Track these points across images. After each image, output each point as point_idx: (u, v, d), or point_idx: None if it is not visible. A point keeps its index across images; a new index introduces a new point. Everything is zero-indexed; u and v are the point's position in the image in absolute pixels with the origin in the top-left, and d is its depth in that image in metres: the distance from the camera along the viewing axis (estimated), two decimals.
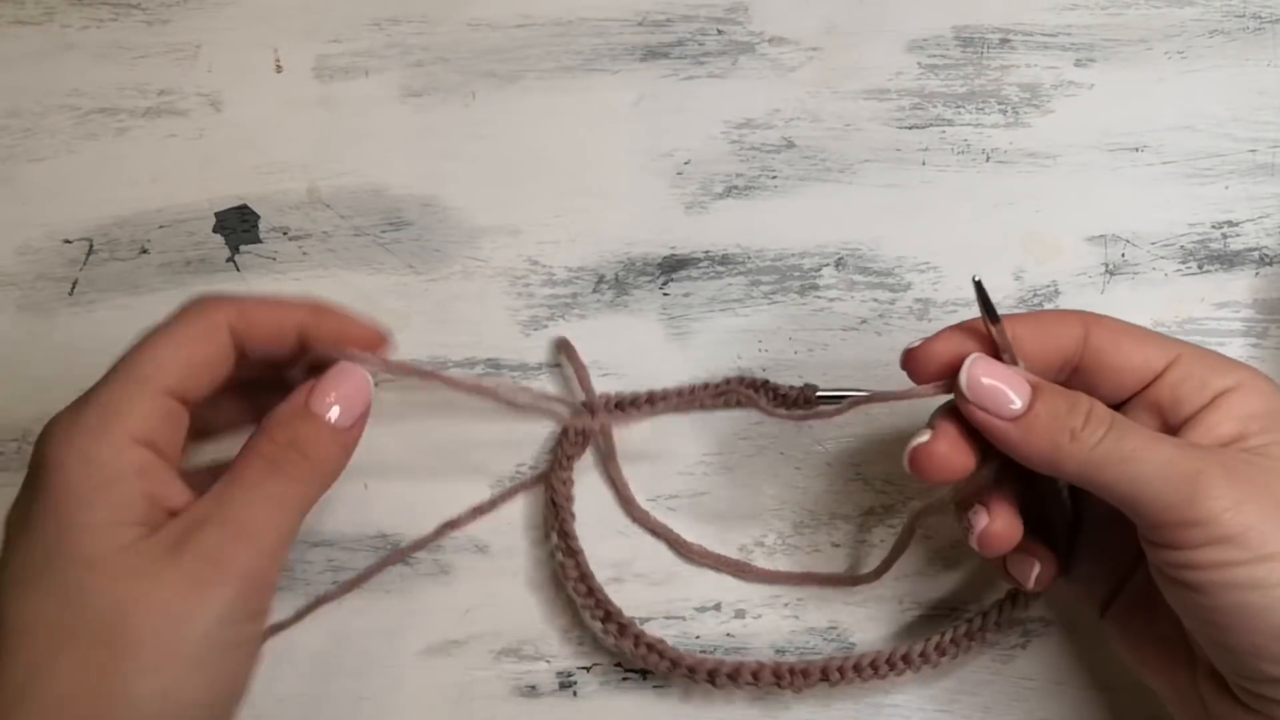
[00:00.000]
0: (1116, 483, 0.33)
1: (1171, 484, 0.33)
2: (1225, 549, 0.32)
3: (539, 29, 0.50)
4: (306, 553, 0.46)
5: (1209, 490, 0.32)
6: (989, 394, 0.35)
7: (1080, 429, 0.34)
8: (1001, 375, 0.35)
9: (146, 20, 0.51)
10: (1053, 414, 0.34)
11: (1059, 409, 0.34)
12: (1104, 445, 0.34)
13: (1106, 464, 0.33)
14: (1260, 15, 0.49)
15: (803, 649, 0.45)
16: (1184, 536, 0.33)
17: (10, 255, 0.49)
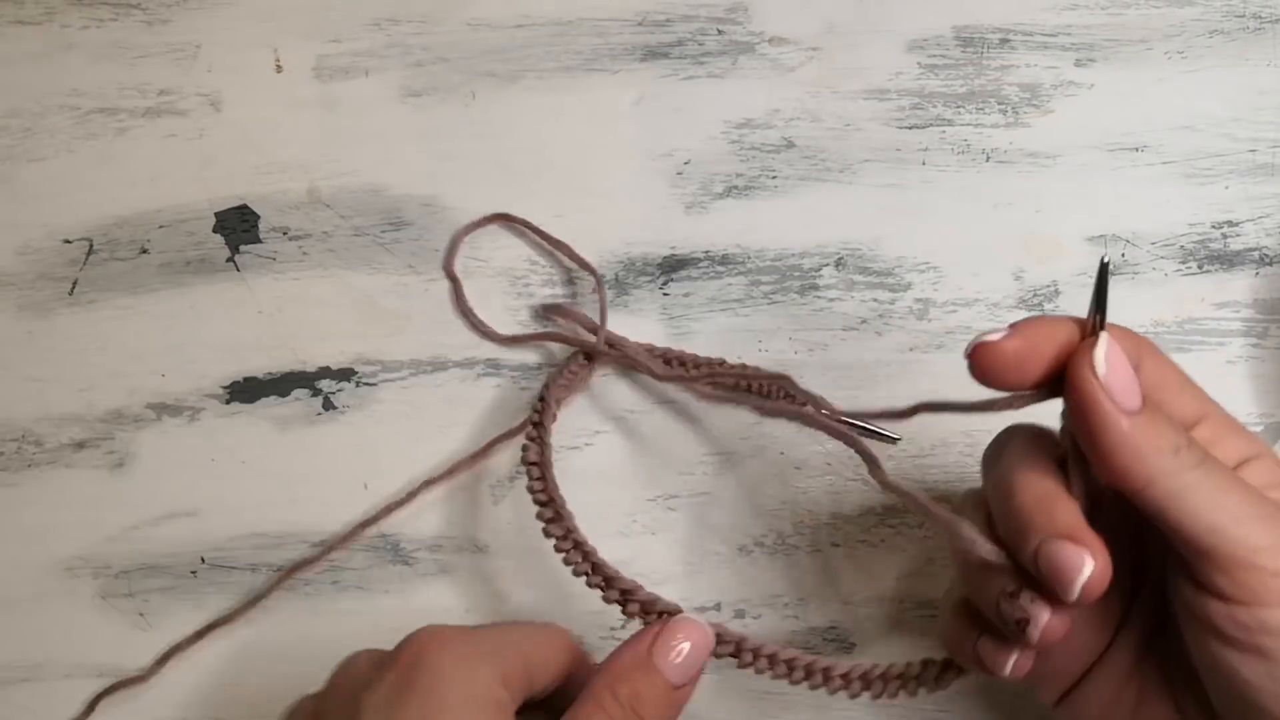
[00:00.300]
0: (1200, 512, 0.30)
1: (1257, 524, 0.30)
2: (1258, 612, 0.30)
3: (539, 29, 0.50)
4: (306, 553, 0.46)
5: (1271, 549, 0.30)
6: (1121, 382, 0.31)
7: (1184, 446, 0.31)
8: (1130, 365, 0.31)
9: (146, 20, 0.50)
10: (1161, 423, 0.31)
11: (1164, 422, 0.31)
12: (1200, 470, 0.31)
13: (1199, 490, 0.30)
14: (1260, 15, 0.49)
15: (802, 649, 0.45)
16: (1255, 586, 0.30)
17: (10, 255, 0.49)
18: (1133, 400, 0.31)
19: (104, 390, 0.48)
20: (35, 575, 0.46)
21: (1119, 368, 0.31)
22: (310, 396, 0.47)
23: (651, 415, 0.47)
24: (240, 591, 0.46)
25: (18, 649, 0.46)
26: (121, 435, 0.47)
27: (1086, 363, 0.31)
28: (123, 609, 0.46)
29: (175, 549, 0.46)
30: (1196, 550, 0.30)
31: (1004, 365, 0.31)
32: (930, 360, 0.47)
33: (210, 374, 0.48)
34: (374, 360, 0.48)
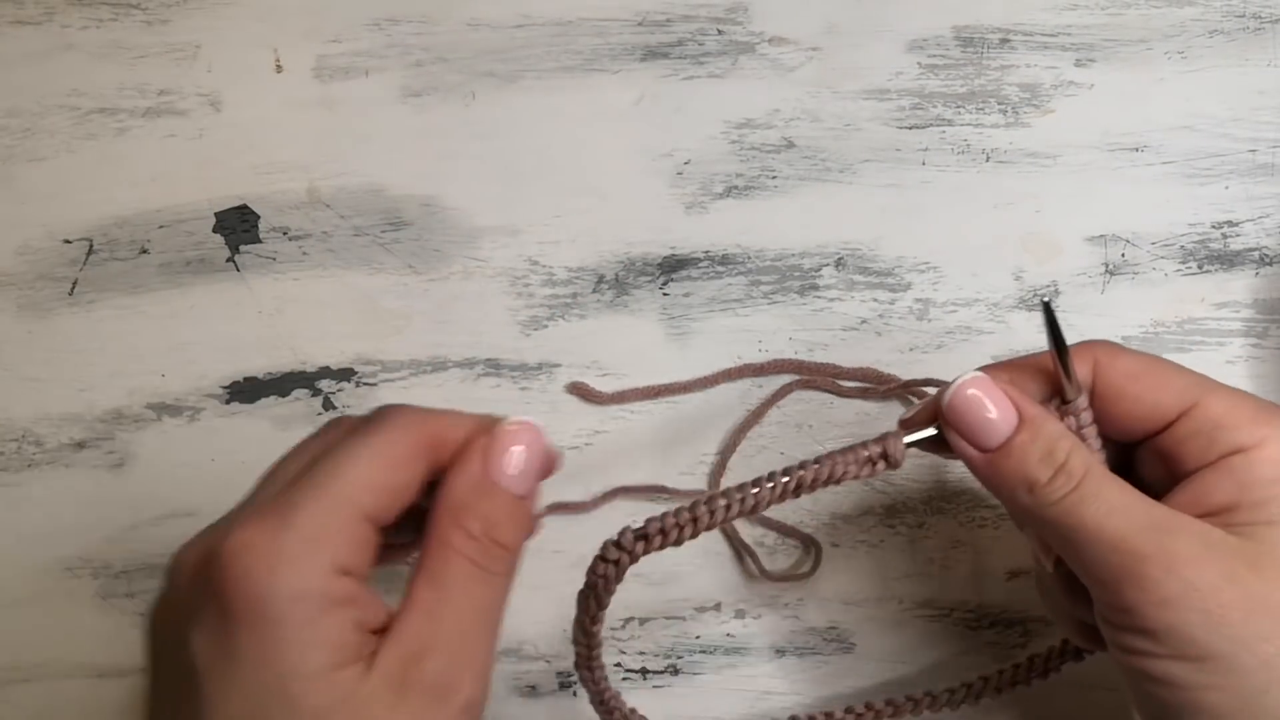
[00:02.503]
0: (1059, 545, 0.33)
1: (1111, 563, 0.31)
2: (1147, 640, 0.31)
3: (539, 29, 0.50)
4: None
5: (1143, 581, 0.31)
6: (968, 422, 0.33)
7: (1043, 484, 0.32)
8: (991, 399, 0.33)
9: (146, 20, 0.50)
10: (1021, 458, 0.33)
11: (1030, 456, 0.33)
12: (1059, 507, 0.32)
13: (1055, 525, 0.32)
14: (1260, 15, 0.49)
15: (802, 649, 0.45)
16: (1114, 616, 0.32)
17: (10, 255, 0.49)
18: (985, 439, 0.33)
19: (104, 390, 0.48)
20: (35, 575, 0.46)
21: (965, 412, 0.33)
22: (310, 396, 0.47)
23: (652, 415, 0.47)
24: None
25: (18, 649, 0.46)
26: (121, 435, 0.47)
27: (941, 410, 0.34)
28: (123, 609, 0.46)
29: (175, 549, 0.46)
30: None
31: None
32: (930, 360, 0.47)
33: (210, 374, 0.48)
34: (374, 360, 0.48)
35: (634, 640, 0.46)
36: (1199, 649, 0.30)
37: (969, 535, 0.46)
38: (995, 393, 0.33)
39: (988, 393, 0.33)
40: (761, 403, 0.47)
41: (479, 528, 0.31)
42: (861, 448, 0.35)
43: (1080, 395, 0.34)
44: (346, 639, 0.29)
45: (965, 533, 0.46)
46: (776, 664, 0.45)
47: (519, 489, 0.32)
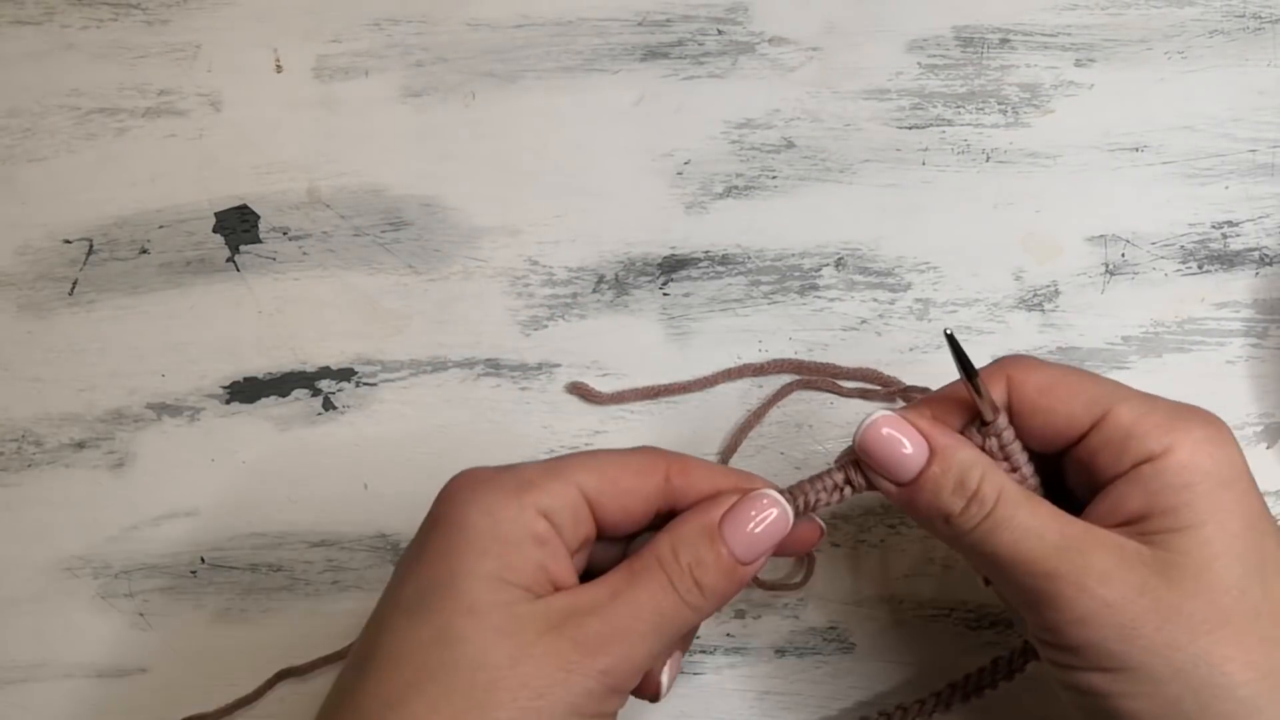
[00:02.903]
0: (983, 570, 0.34)
1: (1028, 586, 0.33)
2: (1070, 656, 0.32)
3: (539, 29, 0.50)
4: (306, 553, 0.46)
5: (1058, 601, 0.32)
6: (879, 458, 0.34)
7: (957, 514, 0.33)
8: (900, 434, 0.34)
9: (146, 20, 0.50)
10: (935, 491, 0.34)
11: (944, 486, 0.34)
12: (974, 535, 0.33)
13: (974, 552, 0.34)
14: (1260, 15, 0.49)
15: (803, 649, 0.45)
16: (1037, 635, 0.34)
17: (10, 255, 0.49)
18: (899, 474, 0.34)
19: (104, 390, 0.48)
20: (35, 575, 0.46)
21: (872, 448, 0.34)
22: (310, 396, 0.47)
23: (651, 415, 0.47)
24: (240, 591, 0.46)
25: (17, 649, 0.46)
26: (121, 435, 0.47)
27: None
28: (122, 609, 0.46)
29: (175, 549, 0.46)
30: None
31: None
32: (930, 360, 0.47)
33: (210, 374, 0.48)
34: (374, 360, 0.48)
35: None
36: (1116, 661, 0.32)
37: None
38: (905, 427, 0.34)
39: (897, 429, 0.34)
40: (762, 403, 0.47)
41: (687, 560, 0.33)
42: (828, 476, 0.36)
43: (999, 415, 0.35)
44: (525, 565, 0.32)
45: None
46: (777, 664, 0.45)
47: (741, 554, 0.34)
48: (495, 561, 0.32)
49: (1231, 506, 0.32)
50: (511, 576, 0.32)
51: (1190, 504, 0.32)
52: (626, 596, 0.33)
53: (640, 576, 0.33)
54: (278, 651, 0.45)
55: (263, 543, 0.46)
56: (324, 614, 0.46)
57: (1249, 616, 0.31)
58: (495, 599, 0.32)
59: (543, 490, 0.33)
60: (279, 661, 0.45)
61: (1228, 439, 0.33)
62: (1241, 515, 0.32)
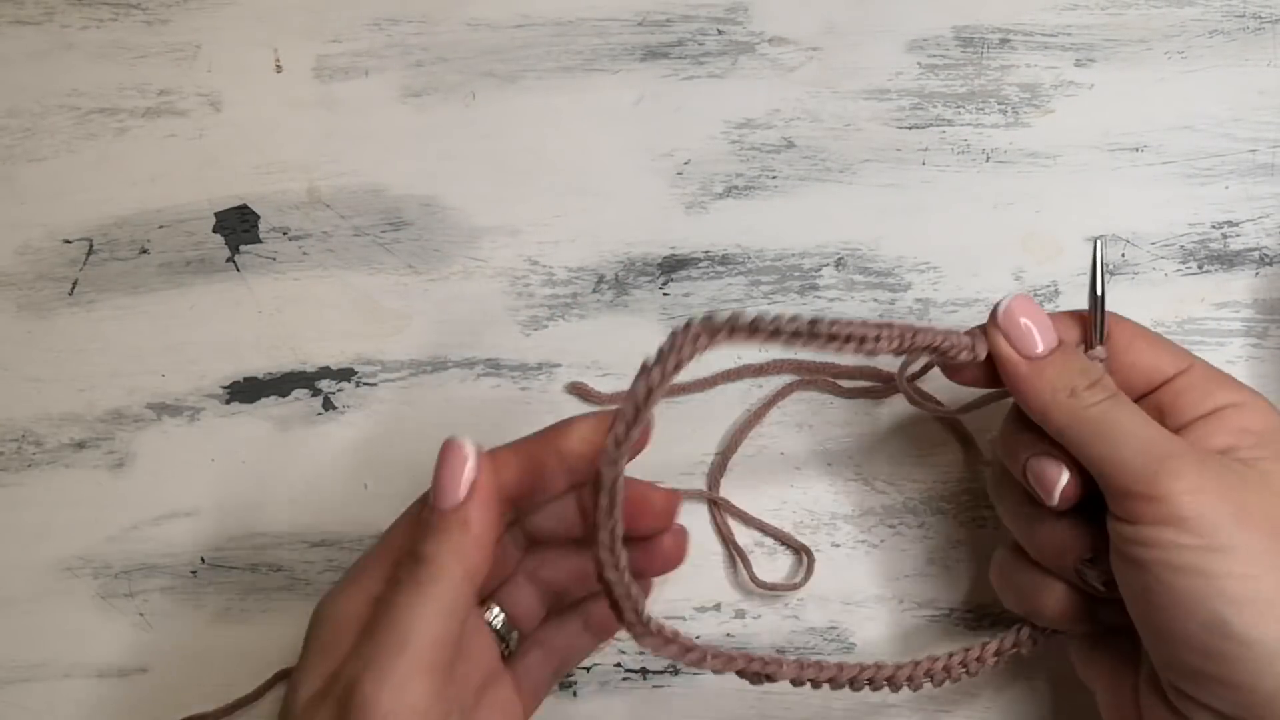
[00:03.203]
0: (1094, 443, 0.35)
1: (1142, 458, 0.34)
2: (1176, 531, 0.33)
3: (539, 29, 0.50)
4: (306, 553, 0.46)
5: (1175, 472, 0.33)
6: (1019, 330, 0.37)
7: (1082, 388, 0.36)
8: (1036, 319, 0.37)
9: (146, 20, 0.50)
10: (1064, 367, 0.36)
11: (1071, 366, 0.36)
12: (1097, 409, 0.35)
13: (1092, 426, 0.35)
14: (1260, 15, 0.49)
15: (803, 649, 0.45)
16: (1142, 510, 0.34)
17: (10, 255, 0.49)
18: (1031, 346, 0.37)
19: (104, 390, 0.48)
20: (35, 575, 0.46)
21: (1016, 319, 0.37)
22: (310, 396, 0.47)
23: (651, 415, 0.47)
24: (240, 591, 0.46)
25: (17, 649, 0.46)
26: (121, 435, 0.47)
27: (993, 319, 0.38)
28: (122, 609, 0.46)
29: (175, 549, 0.46)
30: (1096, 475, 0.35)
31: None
32: None
33: (210, 374, 0.48)
34: (374, 360, 0.48)
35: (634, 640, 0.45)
36: (1223, 537, 0.33)
37: (969, 535, 0.46)
38: (1040, 311, 0.37)
39: (1034, 310, 0.37)
40: (762, 403, 0.47)
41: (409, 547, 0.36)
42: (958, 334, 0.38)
43: (1102, 348, 0.38)
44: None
45: (965, 533, 0.46)
46: None
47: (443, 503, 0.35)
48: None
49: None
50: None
51: (1271, 443, 0.35)
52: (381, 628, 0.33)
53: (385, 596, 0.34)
54: (278, 652, 0.45)
55: (263, 543, 0.46)
56: None
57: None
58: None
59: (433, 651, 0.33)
60: (279, 662, 0.45)
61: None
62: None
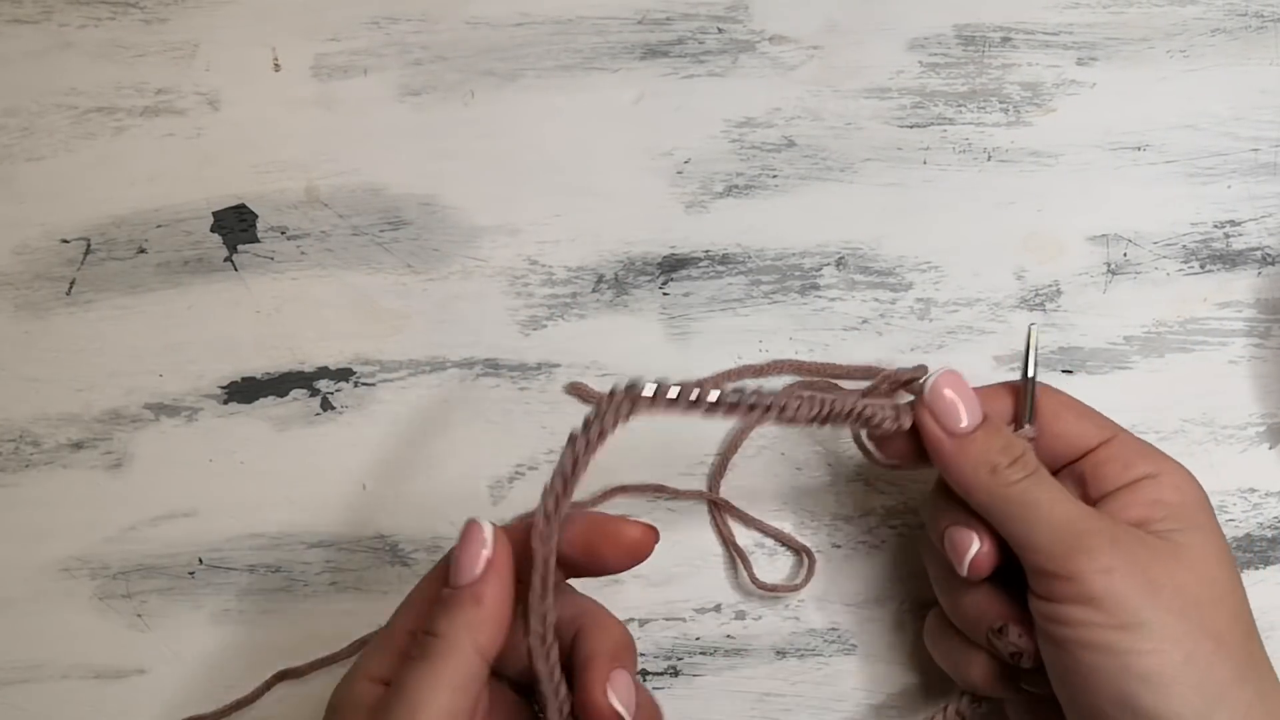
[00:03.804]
0: (1014, 522, 0.36)
1: (1058, 536, 0.35)
2: (1089, 610, 0.34)
3: (538, 27, 0.50)
4: (304, 553, 0.46)
5: (1088, 551, 0.35)
6: (944, 405, 0.37)
7: (1003, 466, 0.36)
8: (962, 394, 0.38)
9: (144, 19, 0.50)
10: (986, 444, 0.37)
11: (993, 443, 0.37)
12: (1016, 488, 0.36)
13: (1011, 504, 0.36)
14: (1262, 14, 0.49)
15: (803, 650, 0.45)
16: (1057, 588, 0.35)
17: (7, 255, 0.48)
18: (955, 422, 0.37)
19: (102, 390, 0.47)
20: (33, 576, 0.46)
21: (941, 394, 0.37)
22: (308, 396, 0.47)
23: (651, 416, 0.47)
24: (238, 592, 0.46)
25: (15, 649, 0.46)
26: (119, 435, 0.47)
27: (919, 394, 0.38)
28: (120, 610, 0.46)
29: (173, 549, 0.46)
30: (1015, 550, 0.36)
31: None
32: (932, 360, 0.47)
33: (208, 374, 0.47)
34: (372, 360, 0.48)
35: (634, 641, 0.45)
36: (1134, 615, 0.34)
37: None
38: (966, 388, 0.38)
39: (961, 386, 0.38)
40: None
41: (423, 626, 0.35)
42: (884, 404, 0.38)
43: (1031, 426, 0.39)
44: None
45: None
46: (777, 665, 0.45)
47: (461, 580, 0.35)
48: None
49: (1212, 527, 0.37)
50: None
51: (1183, 515, 0.36)
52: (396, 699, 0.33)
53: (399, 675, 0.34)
54: (276, 652, 0.45)
55: (261, 543, 0.46)
56: (322, 615, 0.46)
57: (1236, 605, 0.36)
58: None
59: None
60: (277, 662, 0.45)
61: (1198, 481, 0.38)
62: (1219, 536, 0.37)
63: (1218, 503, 0.46)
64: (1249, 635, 0.36)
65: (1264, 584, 0.46)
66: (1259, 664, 0.35)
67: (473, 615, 0.34)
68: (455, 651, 0.34)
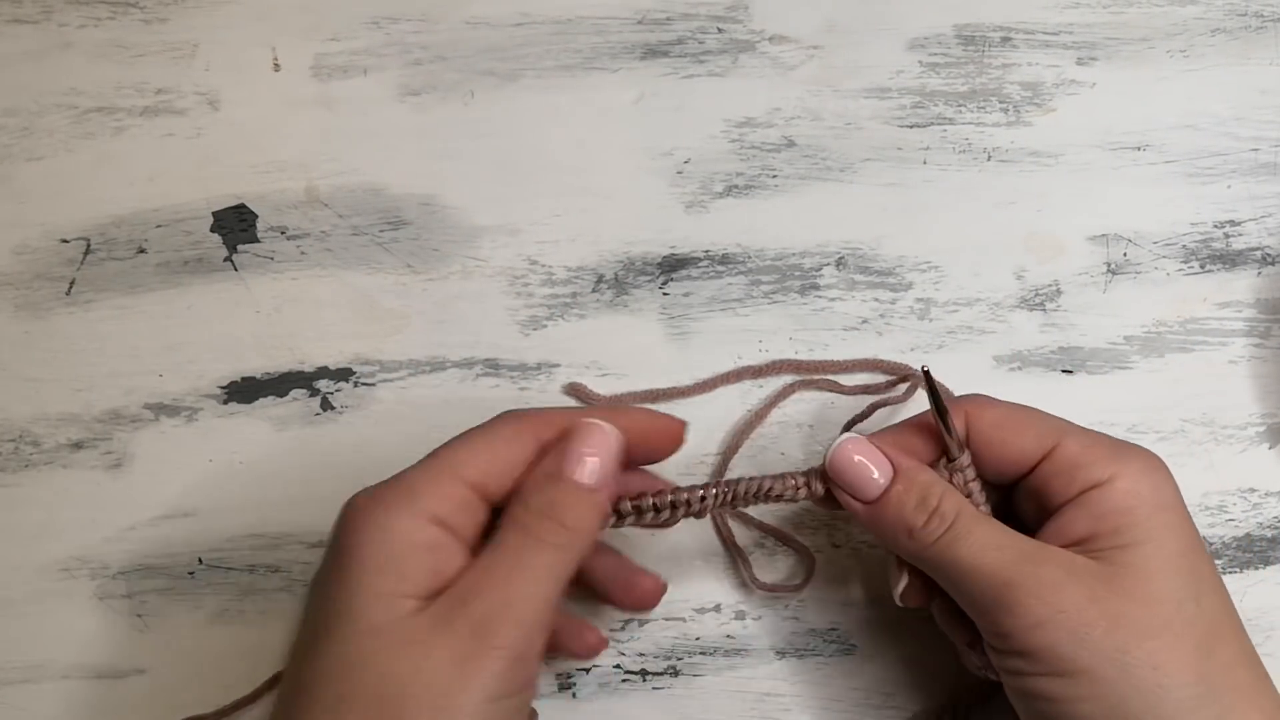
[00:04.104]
0: (944, 582, 0.36)
1: (987, 594, 0.35)
2: (1024, 661, 0.34)
3: (538, 27, 0.50)
4: (304, 554, 0.46)
5: (1012, 608, 0.34)
6: (849, 475, 0.37)
7: (920, 527, 0.36)
8: (868, 457, 0.37)
9: (144, 19, 0.50)
10: (899, 508, 0.36)
11: (906, 504, 0.36)
12: (936, 547, 0.36)
13: (935, 564, 0.36)
14: (1262, 14, 0.49)
15: (803, 650, 0.45)
16: (996, 642, 0.35)
17: (7, 255, 0.48)
18: (863, 492, 0.37)
19: (101, 390, 0.47)
20: (32, 576, 0.46)
21: (843, 464, 0.37)
22: (308, 396, 0.47)
23: None
24: (238, 592, 0.46)
25: (15, 649, 0.46)
26: (119, 435, 0.47)
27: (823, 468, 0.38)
28: (120, 610, 0.46)
29: (173, 549, 0.46)
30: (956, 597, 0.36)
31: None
32: (932, 360, 0.47)
33: (208, 374, 0.47)
34: (372, 360, 0.47)
35: (634, 641, 0.45)
36: (1068, 665, 0.34)
37: None
38: (871, 450, 0.37)
39: (863, 451, 0.37)
40: (763, 403, 0.47)
41: (538, 504, 0.35)
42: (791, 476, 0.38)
43: (964, 453, 0.38)
44: (418, 575, 0.33)
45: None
46: (777, 665, 0.45)
47: (589, 480, 0.36)
48: (389, 577, 0.33)
49: (1169, 529, 0.35)
50: (407, 588, 0.33)
51: (1132, 525, 0.35)
52: (496, 566, 0.34)
53: (502, 542, 0.35)
54: (276, 653, 0.45)
55: (261, 544, 0.46)
56: None
57: (1186, 625, 0.34)
58: (392, 615, 0.33)
59: (430, 495, 0.35)
60: (277, 663, 0.45)
61: (1165, 471, 0.36)
62: (1177, 538, 0.35)
63: (1217, 502, 0.46)
64: (1204, 650, 0.34)
65: (1264, 584, 0.46)
66: (1217, 681, 0.34)
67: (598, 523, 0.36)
68: (578, 551, 0.35)
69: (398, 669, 0.32)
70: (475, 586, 0.34)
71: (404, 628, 0.33)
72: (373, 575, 0.33)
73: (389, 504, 0.34)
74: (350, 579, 0.33)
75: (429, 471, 0.35)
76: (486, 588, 0.33)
